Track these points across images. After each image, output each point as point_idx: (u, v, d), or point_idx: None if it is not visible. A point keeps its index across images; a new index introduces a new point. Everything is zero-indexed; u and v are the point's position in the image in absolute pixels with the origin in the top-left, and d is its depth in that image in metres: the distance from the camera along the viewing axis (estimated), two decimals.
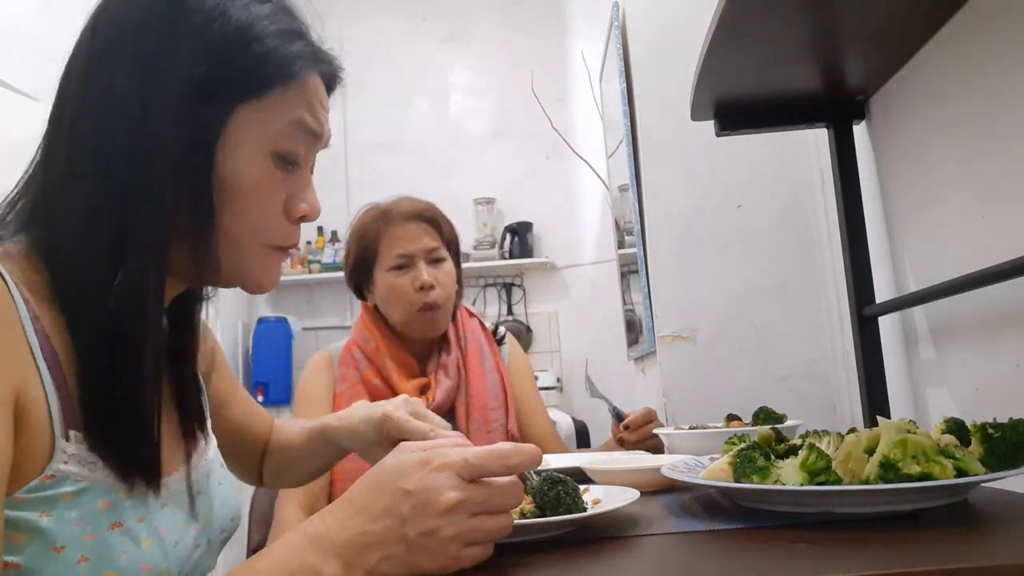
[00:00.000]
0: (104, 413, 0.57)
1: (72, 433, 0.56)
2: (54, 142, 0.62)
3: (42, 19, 2.52)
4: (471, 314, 1.62)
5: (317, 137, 0.69)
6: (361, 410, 0.91)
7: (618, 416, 1.39)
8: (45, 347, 0.55)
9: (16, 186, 0.64)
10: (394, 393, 1.41)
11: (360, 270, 1.51)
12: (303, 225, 0.72)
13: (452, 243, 1.54)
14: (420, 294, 1.43)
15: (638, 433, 1.35)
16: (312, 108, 0.67)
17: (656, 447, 1.35)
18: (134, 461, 0.59)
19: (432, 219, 1.50)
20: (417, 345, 1.50)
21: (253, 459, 1.00)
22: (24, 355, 0.54)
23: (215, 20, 0.61)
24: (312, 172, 0.73)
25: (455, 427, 1.44)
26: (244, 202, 0.63)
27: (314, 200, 0.70)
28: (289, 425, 1.02)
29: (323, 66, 0.70)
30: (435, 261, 1.48)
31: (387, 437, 0.85)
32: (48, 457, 0.54)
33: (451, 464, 0.54)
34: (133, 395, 0.59)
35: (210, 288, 0.74)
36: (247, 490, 1.25)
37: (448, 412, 1.44)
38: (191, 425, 0.72)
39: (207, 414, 0.78)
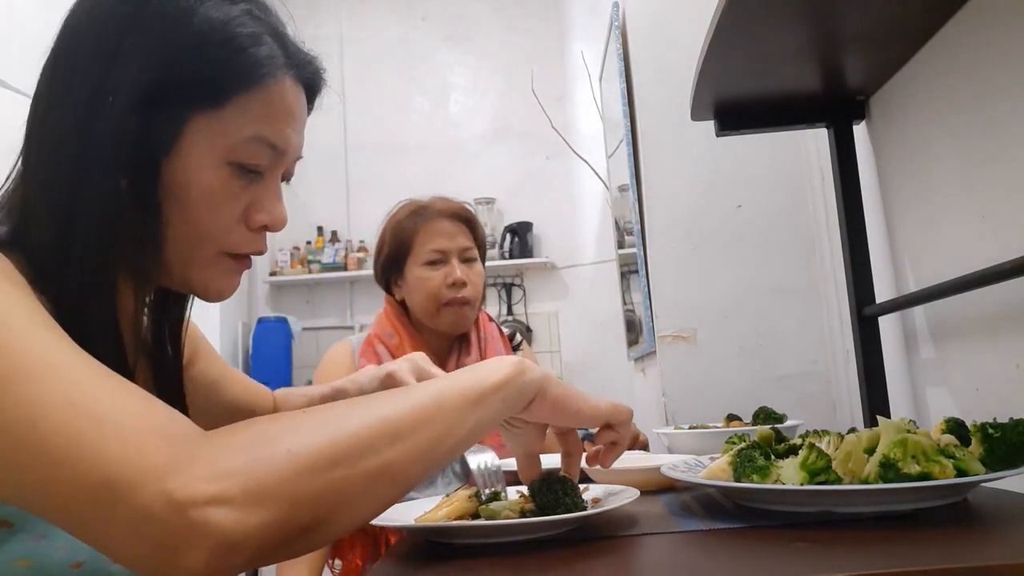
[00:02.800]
0: None
1: None
2: (30, 140, 0.62)
3: (42, 19, 2.52)
4: (490, 319, 1.63)
5: (280, 152, 0.66)
6: (368, 371, 0.95)
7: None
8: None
9: (7, 180, 0.64)
10: None
11: (392, 264, 1.52)
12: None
13: (482, 246, 1.56)
14: (451, 290, 1.44)
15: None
16: (275, 121, 0.64)
17: (643, 446, 1.35)
18: None
19: (468, 219, 1.53)
20: (439, 344, 1.51)
21: None
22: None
23: (176, 22, 0.60)
24: (288, 181, 0.71)
25: None
26: (195, 210, 0.62)
27: (276, 209, 0.67)
28: (296, 392, 1.01)
29: (297, 69, 0.66)
30: (468, 260, 1.49)
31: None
32: None
33: None
34: None
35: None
36: None
37: None
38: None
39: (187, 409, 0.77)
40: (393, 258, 1.51)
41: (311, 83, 0.69)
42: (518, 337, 1.67)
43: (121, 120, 0.58)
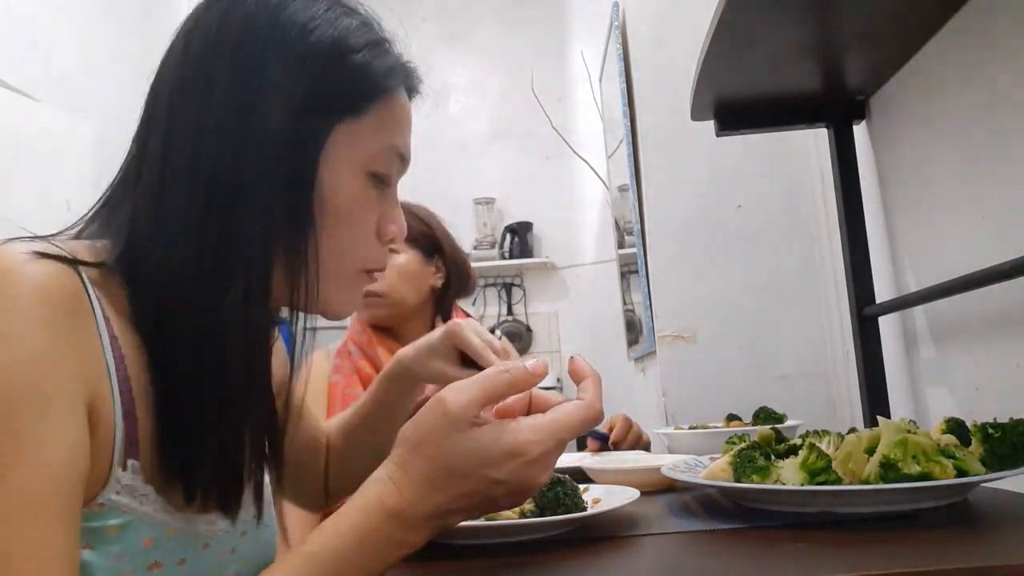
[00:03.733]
0: (190, 440, 0.56)
1: (130, 462, 0.53)
2: (143, 159, 0.59)
3: (42, 19, 2.52)
4: (466, 314, 1.63)
5: (405, 163, 0.67)
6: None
7: (600, 437, 1.38)
8: (120, 368, 0.53)
9: (95, 205, 0.61)
10: None
11: None
12: None
13: (420, 236, 1.50)
14: None
15: (628, 443, 1.36)
16: (403, 131, 0.66)
17: (646, 446, 1.35)
18: (215, 490, 0.58)
19: None
20: (410, 337, 1.50)
21: (319, 477, 0.91)
22: (100, 370, 0.52)
23: (311, 32, 0.59)
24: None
25: None
26: (341, 223, 0.61)
27: (402, 221, 0.67)
28: (336, 420, 0.95)
29: (410, 80, 0.68)
30: None
31: (448, 346, 0.85)
32: (102, 484, 0.52)
33: (548, 453, 0.52)
34: (226, 421, 0.57)
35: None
36: None
37: None
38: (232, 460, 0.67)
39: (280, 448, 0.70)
40: None
41: (412, 93, 0.70)
42: (497, 333, 1.67)
43: (278, 134, 0.57)
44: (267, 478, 0.73)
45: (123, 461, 0.53)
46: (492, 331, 1.65)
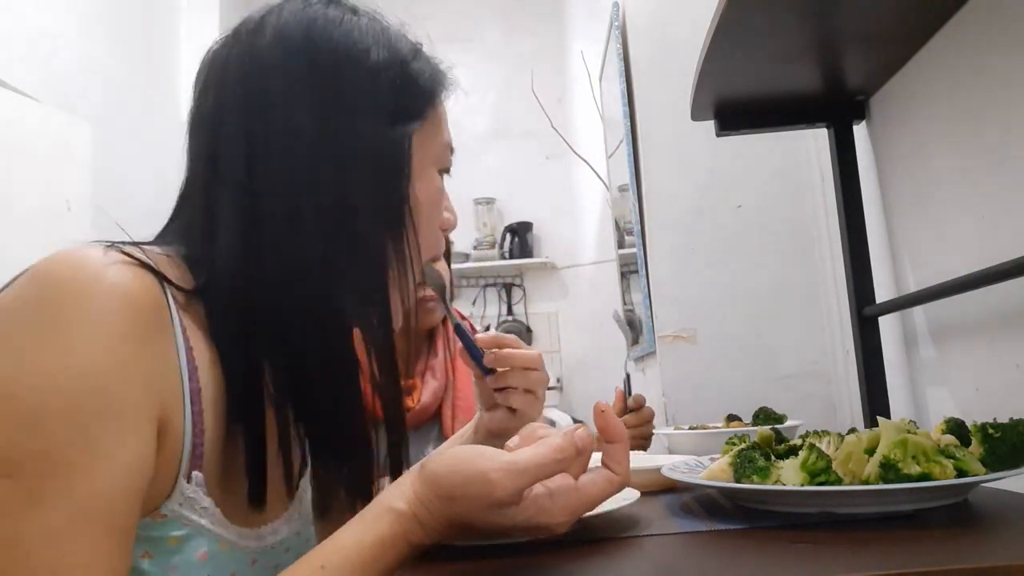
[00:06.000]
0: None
1: (195, 474, 0.54)
2: (215, 183, 0.59)
3: (42, 19, 2.52)
4: (463, 317, 1.62)
5: (453, 154, 0.72)
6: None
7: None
8: (193, 380, 0.54)
9: (167, 223, 0.62)
10: None
11: None
12: None
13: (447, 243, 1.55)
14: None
15: (639, 416, 1.35)
16: (447, 125, 0.71)
17: (646, 438, 1.35)
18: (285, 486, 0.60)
19: None
20: (403, 345, 1.50)
21: None
22: (174, 382, 0.52)
23: (371, 49, 0.62)
24: None
25: (440, 428, 1.44)
26: (425, 221, 0.65)
27: (453, 209, 0.72)
28: None
29: (446, 80, 0.71)
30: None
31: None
32: (166, 495, 0.52)
33: (570, 523, 0.52)
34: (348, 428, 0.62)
35: None
36: None
37: (435, 413, 1.44)
38: (292, 473, 0.65)
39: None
40: None
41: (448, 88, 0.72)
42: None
43: (370, 149, 0.60)
44: (308, 493, 0.74)
45: (188, 473, 0.53)
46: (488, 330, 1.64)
